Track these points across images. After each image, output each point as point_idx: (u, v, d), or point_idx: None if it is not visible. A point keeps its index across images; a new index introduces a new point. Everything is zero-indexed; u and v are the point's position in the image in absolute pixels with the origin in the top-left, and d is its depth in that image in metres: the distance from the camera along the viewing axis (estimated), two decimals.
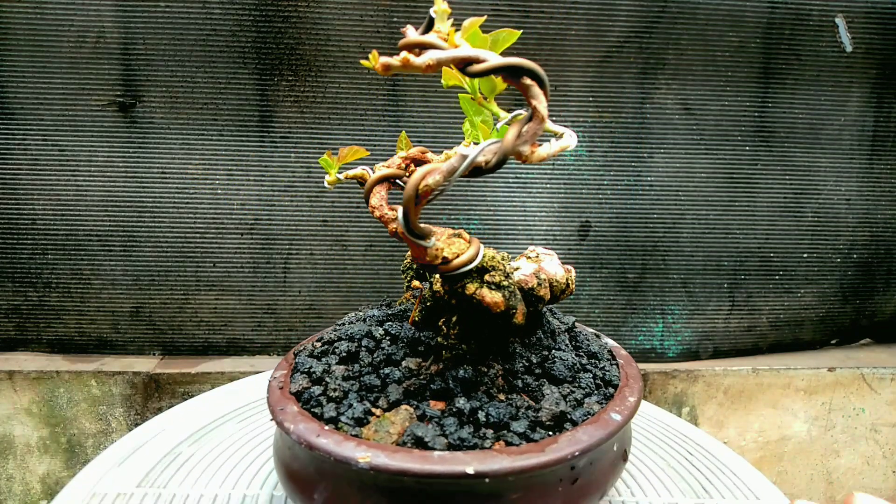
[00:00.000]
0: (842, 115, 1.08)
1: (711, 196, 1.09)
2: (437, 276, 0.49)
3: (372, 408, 0.44)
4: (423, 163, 0.48)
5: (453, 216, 1.06)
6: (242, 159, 1.03)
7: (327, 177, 0.53)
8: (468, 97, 0.43)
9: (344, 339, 0.53)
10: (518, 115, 0.41)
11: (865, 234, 1.14)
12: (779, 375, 1.11)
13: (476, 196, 1.06)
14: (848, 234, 1.14)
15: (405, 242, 0.40)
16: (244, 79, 1.00)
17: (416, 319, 0.53)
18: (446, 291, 0.44)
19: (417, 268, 0.60)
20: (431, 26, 0.34)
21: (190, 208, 1.03)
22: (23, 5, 0.95)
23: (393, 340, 0.51)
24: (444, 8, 0.32)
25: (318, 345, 0.54)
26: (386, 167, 0.46)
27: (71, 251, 1.03)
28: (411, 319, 0.53)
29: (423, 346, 0.49)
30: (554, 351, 0.50)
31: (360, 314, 0.58)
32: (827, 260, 1.14)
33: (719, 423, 1.12)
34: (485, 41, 0.39)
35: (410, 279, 0.60)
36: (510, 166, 1.05)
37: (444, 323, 0.47)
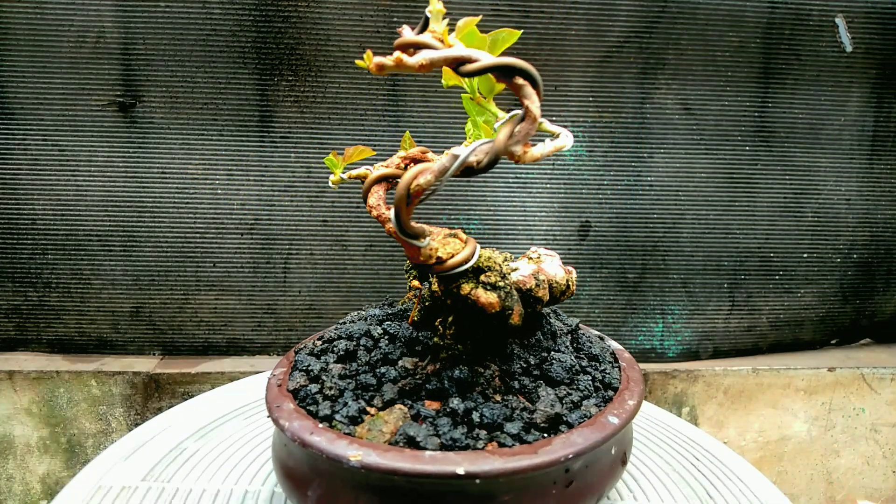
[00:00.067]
0: (842, 115, 1.08)
1: (711, 196, 1.09)
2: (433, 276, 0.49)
3: (367, 406, 0.44)
4: (422, 163, 0.48)
5: (453, 216, 1.06)
6: (242, 159, 1.03)
7: (332, 176, 0.53)
8: (469, 97, 0.43)
9: (343, 337, 0.53)
10: (515, 115, 0.41)
11: (865, 234, 1.14)
12: (779, 375, 1.11)
13: (476, 196, 1.06)
14: (848, 234, 1.13)
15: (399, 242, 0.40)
16: (244, 79, 1.00)
17: (416, 319, 0.53)
18: (442, 291, 0.44)
19: (413, 267, 0.60)
20: (427, 26, 0.34)
21: (190, 208, 1.03)
22: (23, 5, 0.95)
23: (391, 340, 0.51)
24: (438, 8, 0.32)
25: (318, 343, 0.54)
26: (385, 167, 0.46)
27: (71, 251, 1.03)
28: (411, 319, 0.53)
29: (420, 345, 0.49)
30: (553, 353, 0.50)
31: (362, 313, 0.58)
32: (827, 260, 1.14)
33: (719, 423, 1.12)
34: (483, 41, 0.39)
35: (414, 279, 0.60)
36: (510, 166, 1.05)
37: (440, 323, 0.47)
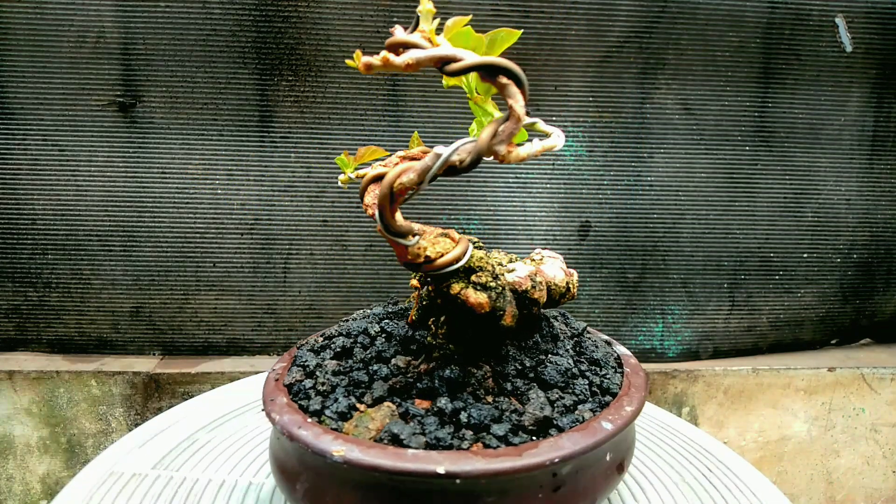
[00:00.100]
0: (842, 115, 1.08)
1: (711, 196, 1.09)
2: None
3: (357, 403, 0.44)
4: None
5: (453, 216, 1.06)
6: (242, 159, 1.03)
7: (341, 175, 0.53)
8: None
9: (342, 335, 0.54)
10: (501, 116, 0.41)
11: (865, 234, 1.14)
12: (779, 375, 1.11)
13: (476, 196, 1.06)
14: (848, 234, 1.13)
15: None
16: (244, 79, 1.00)
17: (414, 318, 0.53)
18: (433, 291, 0.44)
19: (403, 266, 0.60)
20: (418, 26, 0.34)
21: (190, 208, 1.04)
22: (23, 5, 0.95)
23: (388, 338, 0.51)
24: (428, 8, 0.32)
25: (319, 340, 0.55)
26: (383, 166, 0.46)
27: (71, 251, 1.04)
28: (410, 318, 0.53)
29: (415, 344, 0.49)
30: (550, 355, 0.50)
31: (366, 312, 0.59)
32: (827, 260, 1.14)
33: (719, 423, 1.12)
34: (480, 41, 0.38)
35: (414, 278, 0.60)
36: (511, 166, 1.05)
37: (433, 322, 0.47)
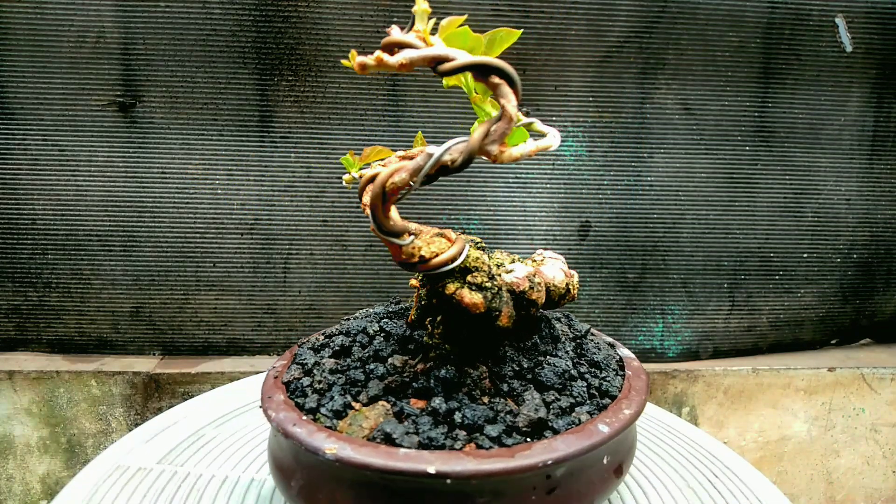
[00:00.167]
0: (842, 115, 1.08)
1: (711, 196, 1.09)
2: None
3: (353, 402, 0.44)
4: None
5: (453, 216, 1.06)
6: (242, 159, 1.03)
7: (345, 175, 0.53)
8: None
9: (342, 333, 0.54)
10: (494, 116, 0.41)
11: (865, 234, 1.14)
12: (779, 375, 1.11)
13: (476, 196, 1.06)
14: (848, 234, 1.13)
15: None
16: (244, 79, 1.00)
17: (414, 318, 0.53)
18: (428, 291, 0.44)
19: (399, 265, 0.60)
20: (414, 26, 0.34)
21: (190, 208, 1.04)
22: (23, 5, 0.95)
23: (386, 337, 0.51)
24: (424, 7, 0.32)
25: (320, 338, 0.55)
26: (382, 165, 0.46)
27: (71, 251, 1.04)
28: (410, 318, 0.53)
29: (413, 344, 0.49)
30: (548, 357, 0.49)
31: (367, 311, 0.59)
32: (827, 260, 1.14)
33: (719, 423, 1.12)
34: (478, 41, 0.38)
35: (413, 278, 0.60)
36: (510, 166, 1.05)
37: (429, 322, 0.48)
